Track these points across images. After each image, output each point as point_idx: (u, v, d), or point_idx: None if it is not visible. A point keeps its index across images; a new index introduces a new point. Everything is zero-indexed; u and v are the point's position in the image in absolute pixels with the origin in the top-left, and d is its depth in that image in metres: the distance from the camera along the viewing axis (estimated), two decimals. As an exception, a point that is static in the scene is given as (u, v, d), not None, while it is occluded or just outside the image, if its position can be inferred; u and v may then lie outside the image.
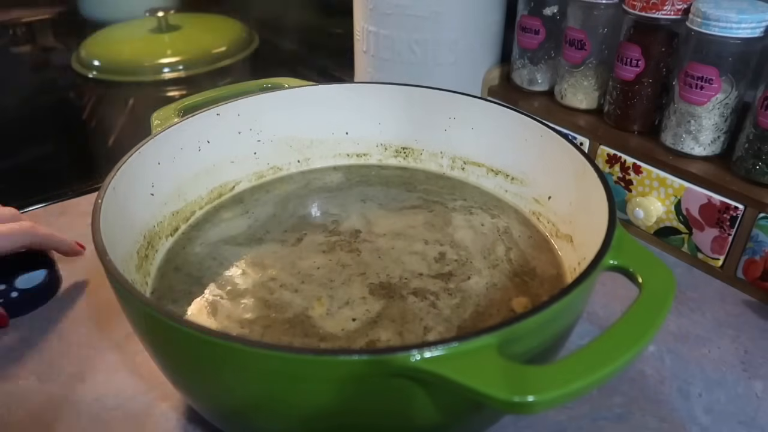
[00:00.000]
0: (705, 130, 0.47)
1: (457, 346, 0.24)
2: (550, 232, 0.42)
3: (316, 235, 0.43)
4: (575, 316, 0.30)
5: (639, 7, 0.47)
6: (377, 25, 0.61)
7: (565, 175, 0.40)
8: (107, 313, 0.44)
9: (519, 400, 0.22)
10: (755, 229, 0.44)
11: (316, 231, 0.43)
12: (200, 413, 0.34)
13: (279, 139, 0.49)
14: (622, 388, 0.39)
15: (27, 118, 0.77)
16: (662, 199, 0.49)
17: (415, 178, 0.49)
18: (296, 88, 0.48)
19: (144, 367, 0.39)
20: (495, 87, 0.63)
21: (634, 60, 0.49)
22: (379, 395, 0.26)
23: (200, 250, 0.41)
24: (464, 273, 0.39)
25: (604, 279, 0.31)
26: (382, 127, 0.50)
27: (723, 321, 0.44)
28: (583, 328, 0.42)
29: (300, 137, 0.50)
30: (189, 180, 0.44)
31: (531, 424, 0.36)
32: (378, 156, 0.51)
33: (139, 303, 0.27)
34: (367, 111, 0.49)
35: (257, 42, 0.95)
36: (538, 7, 0.57)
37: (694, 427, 0.36)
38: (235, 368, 0.26)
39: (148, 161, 0.40)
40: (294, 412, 0.27)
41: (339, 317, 0.36)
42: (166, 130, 0.41)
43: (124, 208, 0.36)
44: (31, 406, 0.37)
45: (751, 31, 0.43)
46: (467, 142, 0.48)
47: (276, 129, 0.48)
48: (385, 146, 0.51)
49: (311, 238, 0.42)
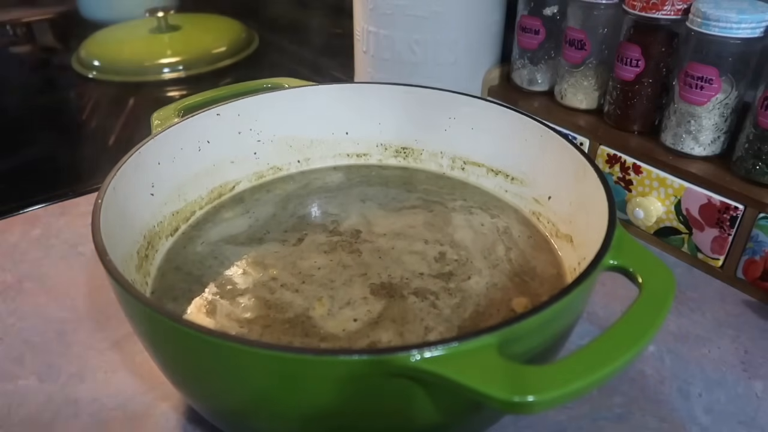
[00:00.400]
0: (705, 130, 0.47)
1: (457, 346, 0.24)
2: (550, 232, 0.42)
3: (317, 235, 0.43)
4: (575, 316, 0.30)
5: (639, 7, 0.47)
6: (377, 25, 0.61)
7: (565, 175, 0.40)
8: (107, 313, 0.44)
9: (519, 400, 0.22)
10: (755, 229, 0.44)
11: (316, 231, 0.43)
12: (200, 413, 0.34)
13: (279, 139, 0.49)
14: (622, 388, 0.39)
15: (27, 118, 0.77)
16: (662, 199, 0.49)
17: (415, 178, 0.49)
18: (296, 88, 0.48)
19: (144, 367, 0.39)
20: (495, 87, 0.63)
21: (634, 60, 0.49)
22: (379, 395, 0.26)
23: (201, 250, 0.41)
24: (464, 273, 0.39)
25: (604, 279, 0.31)
26: (382, 127, 0.50)
27: (723, 321, 0.44)
28: (583, 328, 0.42)
29: (300, 137, 0.50)
30: (189, 180, 0.44)
31: (531, 424, 0.36)
32: (378, 156, 0.51)
33: (139, 303, 0.27)
34: (367, 111, 0.49)
35: (257, 42, 0.95)
36: (538, 7, 0.57)
37: (694, 427, 0.36)
38: (234, 368, 0.26)
39: (148, 161, 0.40)
40: (294, 412, 0.27)
41: (340, 317, 0.36)
42: (166, 130, 0.41)
43: (124, 208, 0.36)
44: (31, 406, 0.37)
45: (751, 31, 0.43)
46: (467, 142, 0.48)
47: (276, 129, 0.48)
48: (385, 146, 0.51)
49: (312, 238, 0.42)
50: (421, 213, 0.45)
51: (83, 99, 0.81)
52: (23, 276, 0.48)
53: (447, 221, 0.44)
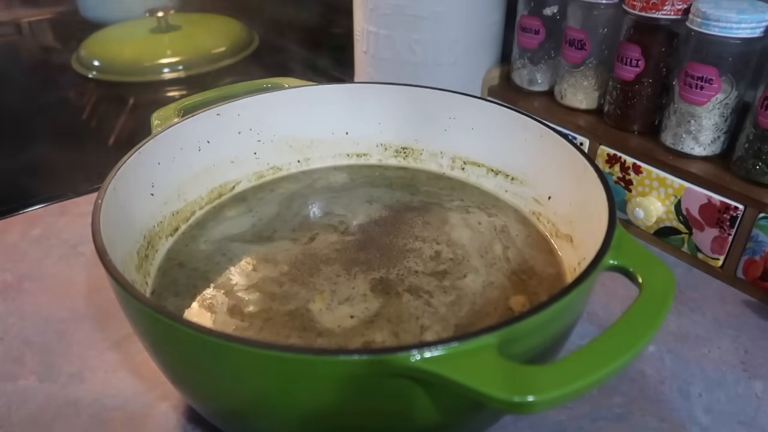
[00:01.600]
0: (705, 130, 0.47)
1: (457, 346, 0.24)
2: (550, 232, 0.42)
3: (328, 234, 0.43)
4: (575, 316, 0.30)
5: (639, 7, 0.47)
6: (377, 25, 0.61)
7: (565, 175, 0.40)
8: (107, 313, 0.44)
9: (519, 400, 0.22)
10: (755, 229, 0.44)
11: (327, 230, 0.43)
12: (200, 413, 0.34)
13: (279, 139, 0.49)
14: (622, 388, 0.39)
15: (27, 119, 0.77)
16: (662, 199, 0.49)
17: (417, 178, 0.49)
18: (296, 88, 0.48)
19: (144, 367, 0.39)
20: (495, 87, 0.63)
21: (634, 60, 0.49)
22: (379, 395, 0.26)
23: (205, 248, 0.41)
24: (460, 271, 0.39)
25: (604, 279, 0.31)
26: (382, 127, 0.50)
27: (723, 321, 0.44)
28: (583, 328, 0.42)
29: (300, 137, 0.50)
30: (189, 180, 0.44)
31: (531, 424, 0.36)
32: (378, 156, 0.51)
33: (139, 303, 0.27)
34: (367, 111, 0.49)
35: (257, 42, 0.95)
36: (538, 7, 0.57)
37: (694, 427, 0.36)
38: (234, 368, 0.26)
39: (148, 161, 0.40)
40: (294, 412, 0.27)
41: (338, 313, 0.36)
42: (166, 130, 0.41)
43: (124, 208, 0.36)
44: (31, 406, 0.37)
45: (751, 31, 0.43)
46: (467, 142, 0.48)
47: (276, 129, 0.48)
48: (385, 146, 0.51)
49: (324, 237, 0.43)
50: (421, 212, 0.45)
51: (83, 99, 0.81)
52: (23, 276, 0.48)
53: (443, 220, 0.44)
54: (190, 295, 0.37)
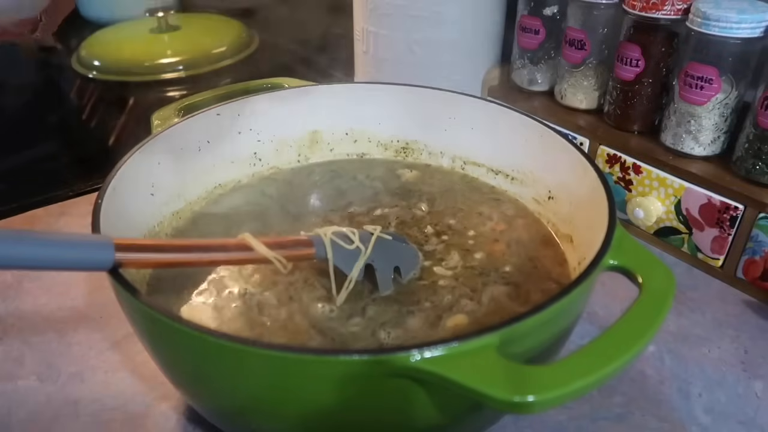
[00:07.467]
0: (705, 130, 0.47)
1: (457, 346, 0.24)
2: (550, 232, 0.42)
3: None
4: (575, 316, 0.30)
5: (639, 7, 0.47)
6: (377, 25, 0.61)
7: (565, 175, 0.40)
8: (107, 313, 0.44)
9: (519, 400, 0.22)
10: (755, 229, 0.44)
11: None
12: (200, 413, 0.34)
13: (279, 139, 0.49)
14: (622, 388, 0.39)
15: (27, 119, 0.77)
16: (662, 199, 0.49)
17: (417, 178, 0.49)
18: (296, 88, 0.48)
19: (144, 367, 0.39)
20: (495, 87, 0.63)
21: (634, 60, 0.49)
22: (379, 395, 0.26)
23: None
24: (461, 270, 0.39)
25: (604, 279, 0.31)
26: (382, 127, 0.50)
27: (723, 321, 0.44)
28: (583, 328, 0.41)
29: (300, 137, 0.50)
30: (189, 180, 0.44)
31: (531, 424, 0.36)
32: (378, 156, 0.51)
33: (139, 303, 0.27)
34: (367, 111, 0.49)
35: (257, 42, 0.95)
36: (538, 7, 0.57)
37: (694, 427, 0.36)
38: (234, 368, 0.26)
39: (148, 161, 0.40)
40: (293, 412, 0.27)
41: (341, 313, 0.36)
42: (166, 130, 0.41)
43: (124, 208, 0.36)
44: (31, 406, 0.37)
45: (751, 31, 0.43)
46: (467, 142, 0.48)
47: (276, 129, 0.48)
48: (385, 146, 0.51)
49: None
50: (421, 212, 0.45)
51: (83, 99, 0.81)
52: (23, 276, 0.47)
53: (444, 220, 0.44)
54: (190, 295, 0.37)
